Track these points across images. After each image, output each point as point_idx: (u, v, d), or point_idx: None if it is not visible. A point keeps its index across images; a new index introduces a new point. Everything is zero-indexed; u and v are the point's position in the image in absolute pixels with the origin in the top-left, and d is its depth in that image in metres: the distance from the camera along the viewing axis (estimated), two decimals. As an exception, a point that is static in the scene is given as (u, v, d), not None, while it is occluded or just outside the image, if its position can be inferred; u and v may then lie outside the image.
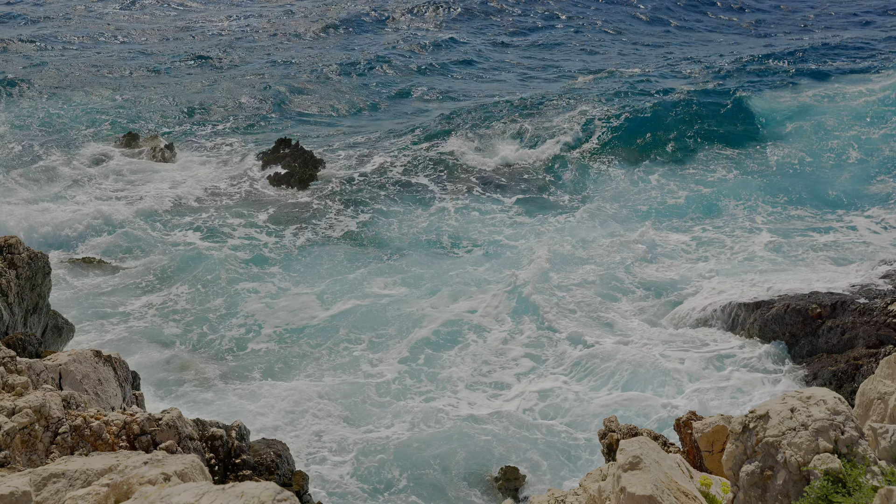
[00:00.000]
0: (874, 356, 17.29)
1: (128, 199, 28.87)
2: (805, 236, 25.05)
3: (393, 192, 29.82)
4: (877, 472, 6.24)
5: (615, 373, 18.78)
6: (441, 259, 24.79)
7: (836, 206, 27.24)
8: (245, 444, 11.93)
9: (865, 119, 33.76)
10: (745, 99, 35.63)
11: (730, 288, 21.33)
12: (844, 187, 28.52)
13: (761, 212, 26.99)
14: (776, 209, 27.18)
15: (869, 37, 49.52)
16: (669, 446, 11.16)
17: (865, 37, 49.42)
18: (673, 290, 22.25)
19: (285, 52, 50.16)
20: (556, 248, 24.63)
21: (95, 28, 56.99)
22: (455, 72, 45.82)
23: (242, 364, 19.44)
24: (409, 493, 15.31)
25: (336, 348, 20.10)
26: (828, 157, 31.21)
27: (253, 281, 23.27)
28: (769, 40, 50.93)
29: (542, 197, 29.61)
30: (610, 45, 51.15)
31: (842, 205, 27.37)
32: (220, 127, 36.79)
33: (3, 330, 13.60)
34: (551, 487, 9.11)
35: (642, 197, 28.88)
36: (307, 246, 25.66)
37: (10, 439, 8.33)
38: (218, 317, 21.38)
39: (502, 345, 20.14)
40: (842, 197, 27.91)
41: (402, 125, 36.86)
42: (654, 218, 26.90)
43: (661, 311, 21.39)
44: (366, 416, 17.47)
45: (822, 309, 19.03)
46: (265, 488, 6.21)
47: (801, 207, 27.28)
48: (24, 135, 34.69)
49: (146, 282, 23.13)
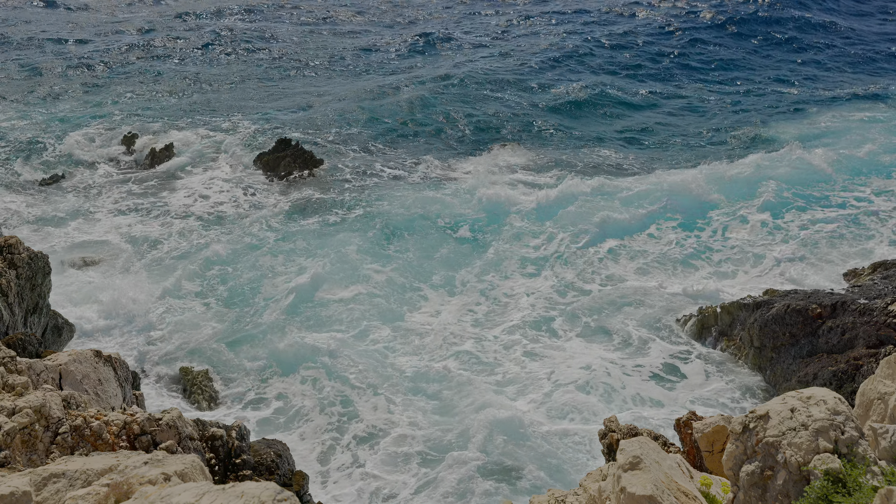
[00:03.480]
0: (874, 356, 17.28)
1: (139, 211, 28.85)
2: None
3: (395, 191, 29.86)
4: (877, 472, 6.23)
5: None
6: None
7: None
8: (245, 444, 11.93)
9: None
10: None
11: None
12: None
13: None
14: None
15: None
16: (669, 446, 11.15)
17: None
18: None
19: (284, 52, 50.18)
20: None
21: (95, 28, 57.01)
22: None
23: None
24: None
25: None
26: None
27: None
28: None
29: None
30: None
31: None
32: (220, 126, 36.76)
33: (3, 330, 13.61)
34: (551, 487, 9.11)
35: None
36: (307, 246, 25.70)
37: (10, 439, 8.33)
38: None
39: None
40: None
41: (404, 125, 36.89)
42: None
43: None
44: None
45: (823, 309, 19.02)
46: (265, 488, 6.21)
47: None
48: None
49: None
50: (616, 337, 20.73)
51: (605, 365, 19.43)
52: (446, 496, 15.22)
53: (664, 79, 44.19)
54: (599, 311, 21.78)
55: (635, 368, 19.47)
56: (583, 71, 45.12)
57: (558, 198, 28.10)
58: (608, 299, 22.32)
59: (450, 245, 25.74)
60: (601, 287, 23.10)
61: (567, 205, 27.60)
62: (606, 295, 22.55)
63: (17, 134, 34.82)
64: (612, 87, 41.97)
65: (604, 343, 20.54)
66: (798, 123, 37.16)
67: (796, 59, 47.79)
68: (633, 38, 51.17)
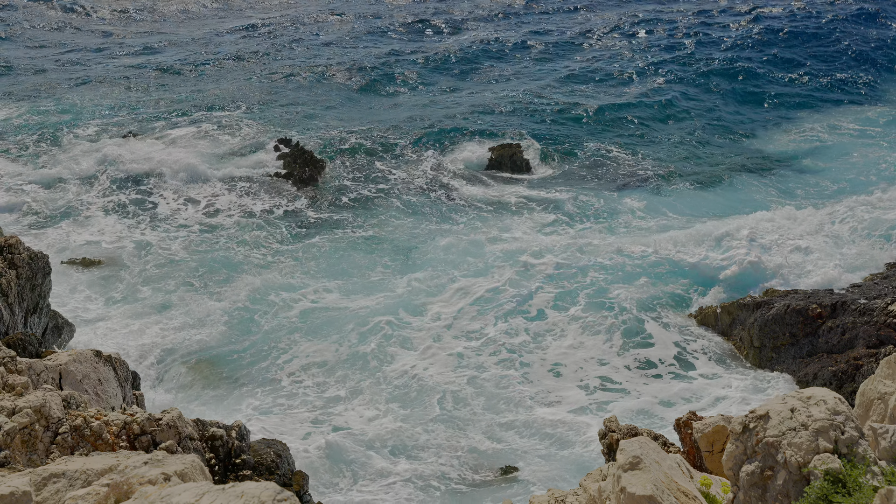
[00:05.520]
0: (874, 356, 17.29)
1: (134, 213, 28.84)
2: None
3: (399, 194, 29.83)
4: (877, 472, 6.23)
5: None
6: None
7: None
8: (245, 444, 11.93)
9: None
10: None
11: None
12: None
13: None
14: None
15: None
16: (669, 446, 11.14)
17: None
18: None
19: (284, 50, 50.15)
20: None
21: (93, 28, 57.02)
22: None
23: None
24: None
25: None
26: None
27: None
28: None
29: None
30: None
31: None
32: (219, 126, 36.72)
33: (3, 330, 13.60)
34: (551, 487, 9.10)
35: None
36: (308, 247, 25.69)
37: (10, 439, 8.33)
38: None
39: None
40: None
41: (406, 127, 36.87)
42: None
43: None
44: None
45: (823, 309, 19.02)
46: (265, 488, 6.21)
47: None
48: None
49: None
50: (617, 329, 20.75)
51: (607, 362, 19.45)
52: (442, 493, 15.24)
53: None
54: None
55: (636, 369, 19.50)
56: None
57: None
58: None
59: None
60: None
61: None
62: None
63: (18, 133, 34.80)
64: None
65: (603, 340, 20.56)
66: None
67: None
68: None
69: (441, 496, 15.29)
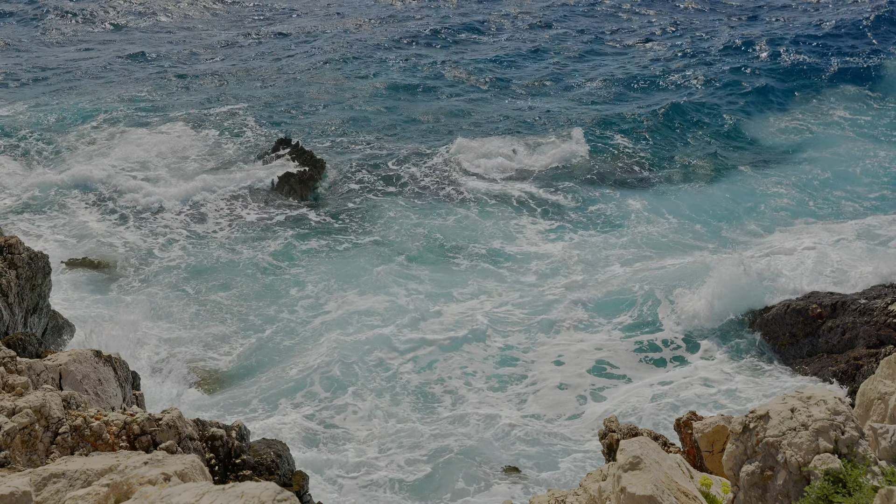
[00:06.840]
0: (874, 356, 17.30)
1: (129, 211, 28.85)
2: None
3: (398, 193, 29.84)
4: (877, 472, 6.23)
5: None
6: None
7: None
8: (245, 444, 11.92)
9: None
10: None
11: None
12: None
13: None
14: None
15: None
16: (669, 446, 11.15)
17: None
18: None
19: (282, 50, 50.18)
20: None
21: (93, 26, 57.05)
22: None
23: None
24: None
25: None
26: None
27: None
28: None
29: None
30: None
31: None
32: (220, 127, 36.72)
33: (3, 330, 13.60)
34: (551, 487, 9.11)
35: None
36: (309, 249, 25.69)
37: (10, 439, 8.33)
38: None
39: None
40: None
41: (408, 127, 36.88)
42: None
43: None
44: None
45: (823, 309, 19.03)
46: (265, 488, 6.20)
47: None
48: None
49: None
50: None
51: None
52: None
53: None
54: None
55: (638, 364, 19.51)
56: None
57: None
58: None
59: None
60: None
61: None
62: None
63: (19, 132, 34.81)
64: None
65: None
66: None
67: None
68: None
69: (441, 496, 15.29)
